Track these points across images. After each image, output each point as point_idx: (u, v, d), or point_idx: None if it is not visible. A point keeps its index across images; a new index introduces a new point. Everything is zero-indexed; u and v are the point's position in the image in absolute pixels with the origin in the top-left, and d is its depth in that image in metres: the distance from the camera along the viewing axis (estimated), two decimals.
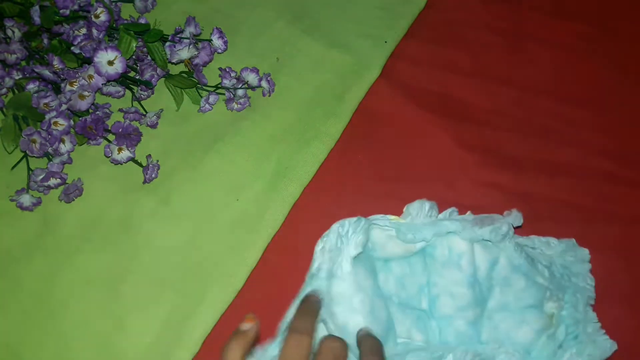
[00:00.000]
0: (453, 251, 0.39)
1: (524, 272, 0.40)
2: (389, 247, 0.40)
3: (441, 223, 0.39)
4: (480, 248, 0.40)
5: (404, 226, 0.40)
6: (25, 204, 0.44)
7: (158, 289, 0.42)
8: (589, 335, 0.39)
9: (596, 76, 0.54)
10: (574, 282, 0.41)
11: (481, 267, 0.40)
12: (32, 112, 0.45)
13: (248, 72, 0.49)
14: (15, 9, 0.48)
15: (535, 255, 0.42)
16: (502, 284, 0.40)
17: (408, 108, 0.51)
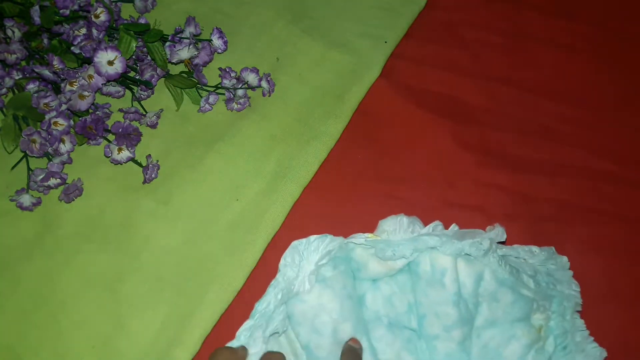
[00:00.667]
0: (436, 268, 0.38)
1: (509, 285, 0.39)
2: (371, 266, 0.39)
3: (420, 238, 0.39)
4: (464, 263, 0.39)
5: (381, 243, 0.39)
6: (25, 204, 0.44)
7: (158, 289, 0.42)
8: (578, 345, 0.39)
9: (596, 76, 0.54)
10: (559, 290, 0.40)
11: (466, 283, 0.39)
12: (32, 112, 0.45)
13: (248, 72, 0.49)
14: (15, 9, 0.48)
15: (519, 265, 0.41)
16: (489, 299, 0.39)
17: (408, 108, 0.51)
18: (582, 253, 0.44)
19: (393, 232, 0.40)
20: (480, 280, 0.39)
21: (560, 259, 0.42)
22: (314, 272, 0.38)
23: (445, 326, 0.38)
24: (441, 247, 0.38)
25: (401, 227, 0.40)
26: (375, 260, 0.39)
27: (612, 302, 0.42)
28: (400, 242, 0.39)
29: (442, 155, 0.49)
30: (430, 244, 0.38)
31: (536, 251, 0.41)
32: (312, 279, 0.38)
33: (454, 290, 0.38)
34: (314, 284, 0.38)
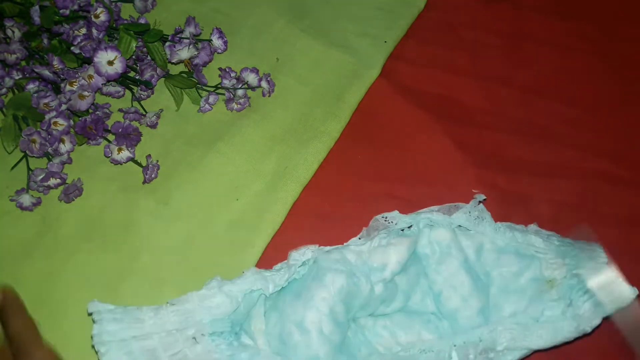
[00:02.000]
0: (442, 244, 0.39)
1: (512, 250, 0.40)
2: (393, 252, 0.39)
3: (416, 215, 0.40)
4: (463, 236, 0.40)
5: (371, 227, 0.40)
6: (25, 204, 0.44)
7: (158, 289, 0.42)
8: (607, 283, 0.36)
9: (595, 77, 0.54)
10: (577, 247, 0.39)
11: (469, 254, 0.40)
12: (32, 112, 0.45)
13: (248, 72, 0.49)
14: (15, 9, 0.48)
15: (527, 230, 0.41)
16: (495, 267, 0.40)
17: (407, 108, 0.51)
18: None
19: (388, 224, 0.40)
20: (481, 250, 0.40)
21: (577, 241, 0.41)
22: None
23: (462, 296, 0.38)
24: (437, 221, 0.39)
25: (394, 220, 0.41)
26: (393, 246, 0.39)
27: None
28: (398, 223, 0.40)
29: (441, 155, 0.49)
30: (425, 216, 0.40)
31: (544, 232, 0.41)
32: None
33: (462, 257, 0.39)
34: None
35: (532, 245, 0.39)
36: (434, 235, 0.40)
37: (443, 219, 0.40)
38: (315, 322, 0.36)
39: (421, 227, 0.40)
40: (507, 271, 0.39)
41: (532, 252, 0.39)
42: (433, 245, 0.40)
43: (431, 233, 0.40)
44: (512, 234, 0.40)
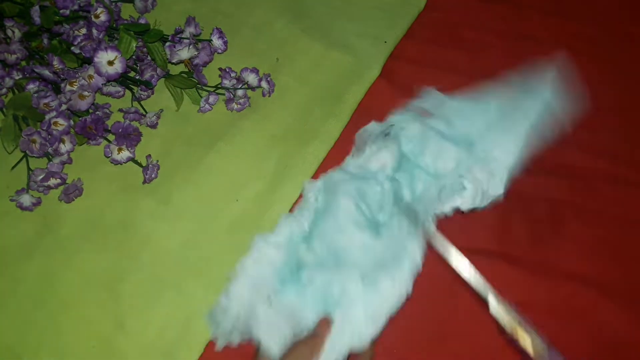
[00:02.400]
0: (416, 135, 0.43)
1: (479, 106, 0.44)
2: (383, 155, 0.42)
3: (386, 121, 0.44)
4: (430, 119, 0.43)
5: (357, 144, 0.44)
6: (25, 204, 0.44)
7: (158, 289, 0.42)
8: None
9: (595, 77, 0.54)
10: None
11: (441, 128, 0.43)
12: (32, 112, 0.45)
13: (248, 73, 0.49)
14: (16, 9, 0.48)
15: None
16: (469, 124, 0.43)
17: None
18: (579, 253, 0.44)
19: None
20: (449, 122, 0.43)
21: None
22: None
23: (452, 157, 0.41)
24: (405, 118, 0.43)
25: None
26: (382, 151, 0.42)
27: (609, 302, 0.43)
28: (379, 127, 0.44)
29: None
30: (395, 117, 0.44)
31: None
32: None
33: (437, 133, 0.42)
34: None
35: (494, 95, 0.44)
36: (408, 132, 0.43)
37: (408, 114, 0.43)
38: (348, 220, 0.39)
39: (395, 130, 0.43)
40: (478, 125, 0.43)
41: (494, 96, 0.43)
42: (411, 140, 0.43)
43: (405, 131, 0.43)
44: (472, 97, 0.44)
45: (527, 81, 0.43)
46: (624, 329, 0.42)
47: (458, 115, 0.43)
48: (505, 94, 0.43)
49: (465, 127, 0.43)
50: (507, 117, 0.42)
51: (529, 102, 0.42)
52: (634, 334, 0.42)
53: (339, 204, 0.39)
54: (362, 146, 0.43)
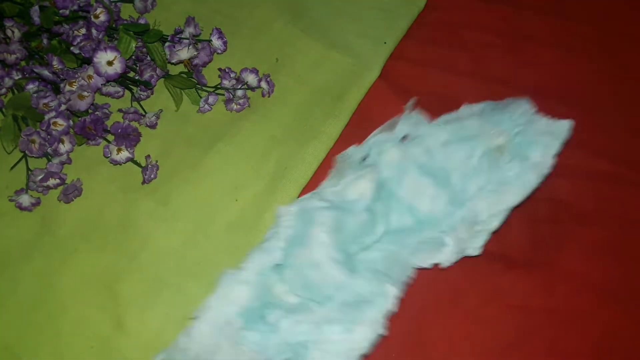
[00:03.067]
0: (395, 164, 0.42)
1: (456, 139, 0.42)
2: (361, 185, 0.41)
3: (367, 141, 0.43)
4: (410, 146, 0.43)
5: (337, 167, 0.43)
6: (24, 204, 0.44)
7: (157, 289, 0.42)
8: (543, 131, 0.41)
9: (596, 76, 0.54)
10: (509, 110, 0.43)
11: (421, 159, 0.42)
12: (32, 112, 0.45)
13: (247, 73, 0.49)
14: (15, 9, 0.48)
15: (461, 117, 0.44)
16: (447, 159, 0.42)
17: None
18: (580, 254, 0.44)
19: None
20: (429, 152, 0.42)
21: (502, 102, 0.45)
22: None
23: (430, 197, 0.41)
24: (384, 140, 0.42)
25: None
26: (361, 180, 0.41)
27: (610, 302, 0.42)
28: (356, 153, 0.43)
29: None
30: (374, 140, 0.43)
31: (474, 105, 0.45)
32: None
33: (416, 165, 0.42)
34: None
35: (469, 128, 0.43)
36: (386, 158, 0.42)
37: (388, 137, 0.42)
38: (323, 254, 0.38)
39: (373, 155, 0.43)
40: (458, 159, 0.42)
41: (473, 134, 0.42)
42: (389, 167, 0.42)
43: (384, 157, 0.42)
44: (451, 127, 0.43)
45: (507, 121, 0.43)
46: (625, 330, 0.42)
47: (439, 145, 0.43)
48: (488, 134, 0.42)
49: (445, 161, 0.42)
50: (492, 165, 0.42)
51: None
52: (635, 335, 0.41)
53: (315, 236, 0.39)
54: (341, 171, 0.43)
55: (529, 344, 0.41)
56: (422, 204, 0.41)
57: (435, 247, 0.40)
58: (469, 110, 0.45)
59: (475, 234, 0.40)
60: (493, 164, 0.41)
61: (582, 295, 0.43)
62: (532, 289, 0.43)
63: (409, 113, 0.43)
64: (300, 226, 0.40)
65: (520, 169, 0.40)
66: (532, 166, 0.40)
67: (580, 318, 0.42)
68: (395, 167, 0.42)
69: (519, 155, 0.41)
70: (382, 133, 0.43)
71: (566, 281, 0.43)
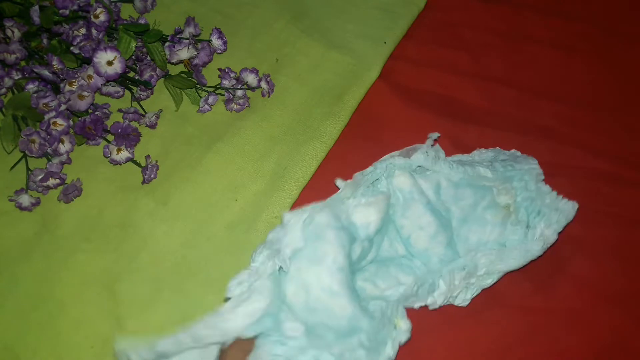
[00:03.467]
0: (404, 190, 0.41)
1: (467, 183, 0.42)
2: (373, 212, 0.40)
3: (378, 164, 0.42)
4: (421, 179, 0.42)
5: (352, 184, 0.41)
6: (24, 204, 0.44)
7: (156, 289, 0.42)
8: (550, 206, 0.41)
9: (596, 76, 0.54)
10: (518, 169, 0.43)
11: (430, 195, 0.42)
12: (32, 112, 0.45)
13: (247, 73, 0.49)
14: (15, 9, 0.48)
15: (473, 162, 0.44)
16: (454, 201, 0.42)
17: (407, 109, 0.51)
18: (580, 253, 0.44)
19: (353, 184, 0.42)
20: (439, 188, 0.42)
21: (509, 153, 0.45)
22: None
23: (430, 235, 0.40)
24: (398, 165, 0.42)
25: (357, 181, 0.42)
26: (370, 206, 0.40)
27: (610, 303, 0.42)
28: (365, 177, 0.42)
29: None
30: (388, 161, 0.42)
31: (483, 150, 0.45)
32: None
33: (424, 200, 0.41)
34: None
35: (483, 177, 0.42)
36: (396, 183, 0.41)
37: (404, 162, 0.42)
38: (336, 279, 0.36)
39: (385, 178, 0.42)
40: (464, 204, 0.42)
41: (483, 183, 0.42)
42: (397, 193, 0.41)
43: (393, 181, 0.42)
44: (464, 169, 0.42)
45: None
46: (625, 330, 0.42)
47: (449, 184, 0.42)
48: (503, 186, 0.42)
49: (451, 202, 0.42)
50: (498, 223, 0.41)
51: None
52: (635, 335, 0.41)
53: (328, 257, 0.36)
54: (355, 187, 0.41)
55: (529, 344, 0.41)
56: (420, 239, 0.40)
57: (430, 291, 0.39)
58: (479, 156, 0.45)
59: (468, 285, 0.40)
60: (499, 222, 0.41)
61: (582, 295, 0.43)
62: (532, 289, 0.43)
63: (428, 146, 0.43)
64: (310, 240, 0.37)
65: (525, 236, 0.40)
66: (538, 237, 0.40)
67: (580, 318, 0.42)
68: (404, 194, 0.41)
69: (525, 222, 0.41)
70: (399, 156, 0.42)
71: (566, 281, 0.43)
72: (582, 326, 0.41)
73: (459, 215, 0.42)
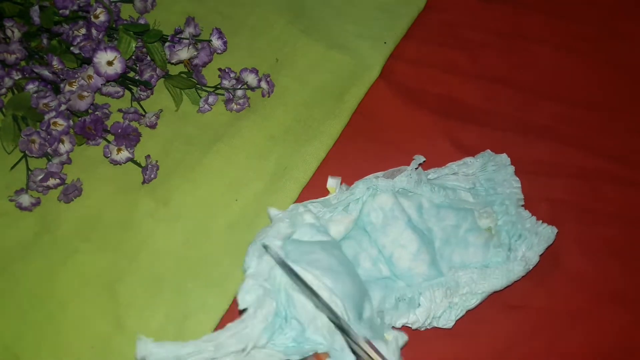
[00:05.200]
0: (385, 208, 0.42)
1: (448, 205, 0.43)
2: (332, 229, 0.41)
3: (359, 183, 0.43)
4: (403, 198, 0.43)
5: (332, 198, 0.42)
6: (25, 204, 0.44)
7: (157, 289, 0.42)
8: (530, 230, 0.42)
9: (595, 76, 0.54)
10: (499, 193, 0.44)
11: (411, 213, 0.42)
12: (32, 112, 0.45)
13: (247, 73, 0.49)
14: (15, 9, 0.48)
15: (456, 183, 0.45)
16: (436, 221, 0.42)
17: (407, 109, 0.51)
18: (580, 253, 0.44)
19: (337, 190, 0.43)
20: (420, 209, 0.43)
21: (499, 158, 0.45)
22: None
23: (412, 253, 0.40)
24: (381, 186, 0.42)
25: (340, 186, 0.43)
26: (333, 223, 0.41)
27: (610, 303, 0.42)
28: (344, 194, 0.43)
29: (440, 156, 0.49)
30: (370, 182, 0.42)
31: (470, 161, 0.45)
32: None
33: (405, 218, 0.41)
34: None
35: (464, 201, 0.44)
36: (378, 201, 0.42)
37: (386, 183, 0.42)
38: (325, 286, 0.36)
39: (365, 198, 0.42)
40: (446, 225, 0.42)
41: (465, 206, 0.43)
42: (377, 212, 0.42)
43: (375, 200, 0.42)
44: (446, 192, 0.43)
45: None
46: (626, 330, 0.42)
47: (431, 205, 0.43)
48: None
49: (433, 223, 0.42)
50: (481, 244, 0.42)
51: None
52: (635, 335, 0.41)
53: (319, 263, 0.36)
54: (333, 200, 0.43)
55: (529, 344, 0.41)
56: (402, 258, 0.40)
57: (411, 306, 0.39)
58: (465, 168, 0.45)
59: (452, 305, 0.40)
60: (482, 244, 0.41)
61: (582, 295, 0.43)
62: (532, 289, 0.43)
63: (412, 169, 0.43)
64: (300, 242, 0.38)
65: (507, 259, 0.41)
66: (520, 259, 0.41)
67: (580, 318, 0.42)
68: (385, 212, 0.41)
69: (507, 244, 0.42)
70: (382, 177, 0.43)
71: (566, 281, 0.43)
72: (582, 326, 0.41)
73: (441, 236, 0.42)
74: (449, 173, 0.45)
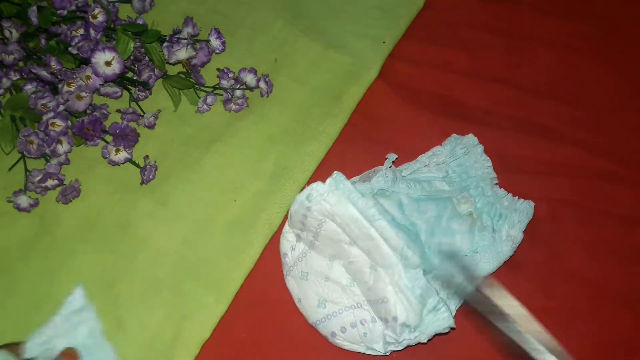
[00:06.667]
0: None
1: (427, 197, 0.43)
2: None
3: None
4: (383, 199, 0.43)
5: None
6: (23, 205, 0.44)
7: (155, 290, 0.42)
8: (508, 208, 0.43)
9: (595, 76, 0.54)
10: (472, 175, 0.45)
11: (393, 212, 0.42)
12: (30, 113, 0.45)
13: (246, 73, 0.49)
14: (13, 10, 0.48)
15: (429, 174, 0.45)
16: (418, 215, 0.43)
17: (406, 108, 0.51)
18: (579, 253, 0.44)
19: None
20: (401, 205, 0.43)
21: (466, 139, 0.46)
22: None
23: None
24: (360, 190, 0.42)
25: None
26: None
27: (609, 302, 0.42)
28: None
29: None
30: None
31: (439, 150, 0.46)
32: None
33: (389, 218, 0.41)
34: None
35: (441, 190, 0.44)
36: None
37: (364, 187, 0.43)
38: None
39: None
40: (428, 216, 0.43)
41: (443, 196, 0.44)
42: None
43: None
44: (421, 185, 0.44)
45: None
46: (625, 330, 0.42)
47: (410, 200, 0.43)
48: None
49: (416, 217, 0.43)
50: (465, 231, 0.42)
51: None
52: (635, 335, 0.41)
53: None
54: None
55: None
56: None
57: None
58: (435, 159, 0.46)
59: (449, 296, 0.40)
60: (467, 230, 0.42)
61: (582, 295, 0.43)
62: (532, 289, 0.43)
63: (387, 168, 0.44)
64: None
65: (493, 240, 0.41)
66: (505, 238, 0.41)
67: (580, 318, 0.42)
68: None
69: (490, 226, 0.42)
70: (359, 181, 0.44)
71: (566, 281, 0.43)
72: (582, 326, 0.41)
73: (425, 228, 0.42)
74: (420, 166, 0.46)
